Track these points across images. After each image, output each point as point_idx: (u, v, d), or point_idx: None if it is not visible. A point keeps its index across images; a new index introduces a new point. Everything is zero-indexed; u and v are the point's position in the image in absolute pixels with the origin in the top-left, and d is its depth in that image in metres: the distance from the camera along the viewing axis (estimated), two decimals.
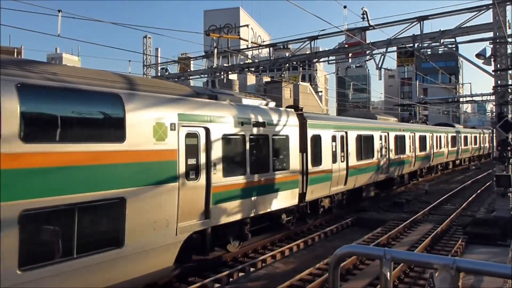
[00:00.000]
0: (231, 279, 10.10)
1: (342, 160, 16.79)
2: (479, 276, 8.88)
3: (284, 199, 12.77)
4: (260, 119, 11.73)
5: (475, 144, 44.61)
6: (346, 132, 16.98)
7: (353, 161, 17.37)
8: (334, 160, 15.97)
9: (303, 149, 13.85)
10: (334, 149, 16.09)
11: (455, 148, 36.65)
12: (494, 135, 14.90)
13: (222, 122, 10.30)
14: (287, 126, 12.96)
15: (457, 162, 40.68)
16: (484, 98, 36.54)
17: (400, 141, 23.33)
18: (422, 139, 27.89)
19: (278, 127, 12.56)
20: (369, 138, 19.17)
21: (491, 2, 14.37)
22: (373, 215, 17.59)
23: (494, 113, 28.12)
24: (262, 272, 10.82)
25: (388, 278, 2.85)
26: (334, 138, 16.17)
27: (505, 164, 14.10)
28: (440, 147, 31.90)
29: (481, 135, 49.01)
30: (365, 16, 16.78)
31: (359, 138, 18.04)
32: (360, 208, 18.50)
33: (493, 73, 14.62)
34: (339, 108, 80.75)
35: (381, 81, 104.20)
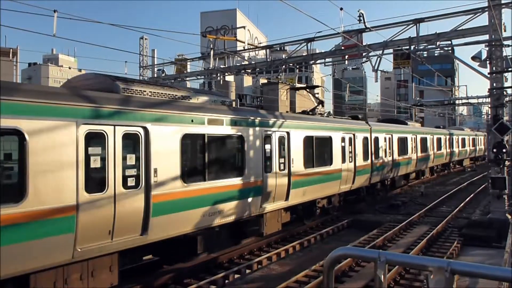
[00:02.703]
0: (226, 281, 10.07)
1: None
2: (475, 278, 8.89)
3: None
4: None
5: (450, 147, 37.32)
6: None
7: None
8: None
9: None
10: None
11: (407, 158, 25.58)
12: (482, 136, 14.98)
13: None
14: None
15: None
16: (480, 100, 36.67)
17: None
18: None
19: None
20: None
21: (486, 5, 14.43)
22: (369, 217, 17.61)
23: (489, 115, 28.32)
24: (257, 274, 10.80)
25: (383, 280, 2.84)
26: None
27: (500, 166, 14.15)
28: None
29: (470, 137, 46.81)
30: (361, 18, 16.83)
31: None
32: (356, 210, 18.51)
33: (488, 76, 14.68)
34: (335, 110, 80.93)
35: (377, 83, 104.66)
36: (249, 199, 11.50)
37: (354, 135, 17.72)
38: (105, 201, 7.65)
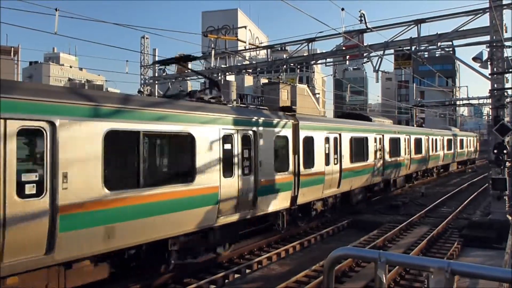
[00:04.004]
0: (226, 281, 10.07)
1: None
2: (475, 279, 8.88)
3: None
4: None
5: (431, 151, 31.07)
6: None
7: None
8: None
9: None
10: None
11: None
12: (475, 137, 14.80)
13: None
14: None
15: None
16: (481, 101, 36.64)
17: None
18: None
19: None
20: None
21: (488, 6, 14.43)
22: (370, 217, 17.59)
23: (490, 116, 28.27)
24: (257, 274, 10.79)
25: (383, 280, 2.84)
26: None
27: (501, 167, 14.15)
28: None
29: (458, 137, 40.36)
30: (362, 18, 16.82)
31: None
32: (356, 211, 18.50)
33: (489, 77, 14.67)
34: (336, 111, 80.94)
35: (378, 84, 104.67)
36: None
37: (255, 132, 11.65)
38: None
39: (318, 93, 72.64)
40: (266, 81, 52.48)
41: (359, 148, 18.24)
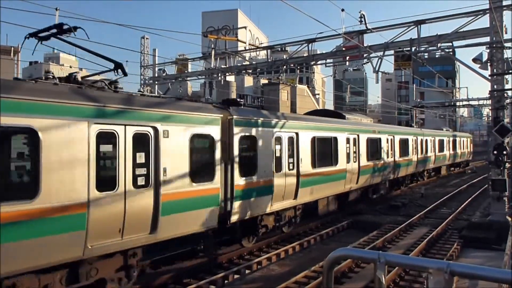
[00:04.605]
0: (226, 281, 10.07)
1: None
2: (474, 280, 8.88)
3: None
4: None
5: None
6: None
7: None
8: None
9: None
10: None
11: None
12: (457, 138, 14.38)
13: None
14: None
15: None
16: (481, 102, 36.70)
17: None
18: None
19: None
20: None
21: (488, 7, 14.44)
22: (369, 218, 17.61)
23: (490, 118, 28.31)
24: (257, 274, 10.80)
25: (382, 281, 2.85)
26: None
27: (501, 168, 14.15)
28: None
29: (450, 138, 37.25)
30: (362, 19, 16.84)
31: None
32: (356, 211, 18.51)
33: (489, 78, 14.69)
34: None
35: (378, 85, 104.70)
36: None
37: (156, 130, 8.78)
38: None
39: (318, 94, 72.64)
40: (266, 81, 52.47)
41: (325, 150, 15.38)
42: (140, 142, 8.37)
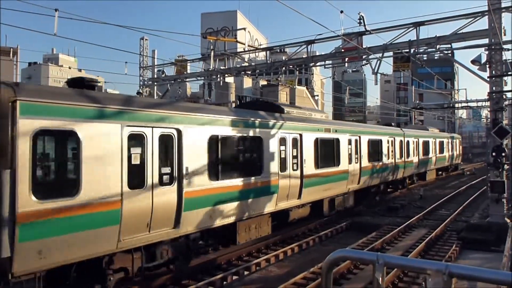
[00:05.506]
0: (224, 283, 10.06)
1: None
2: (473, 282, 8.89)
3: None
4: None
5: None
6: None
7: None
8: None
9: None
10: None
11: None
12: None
13: None
14: None
15: None
16: (479, 104, 36.71)
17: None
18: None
19: None
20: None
21: (486, 9, 14.46)
22: (368, 219, 17.61)
23: (489, 119, 28.30)
24: (256, 276, 10.79)
25: (381, 283, 2.84)
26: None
27: (500, 170, 14.16)
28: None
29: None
30: (361, 21, 16.84)
31: None
32: (355, 213, 18.51)
33: (488, 79, 14.70)
34: (335, 113, 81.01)
35: (377, 86, 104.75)
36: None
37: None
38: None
39: (317, 95, 72.72)
40: (265, 83, 52.50)
41: (238, 155, 11.92)
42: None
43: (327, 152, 15.85)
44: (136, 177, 8.33)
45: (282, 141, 13.21)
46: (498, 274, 2.67)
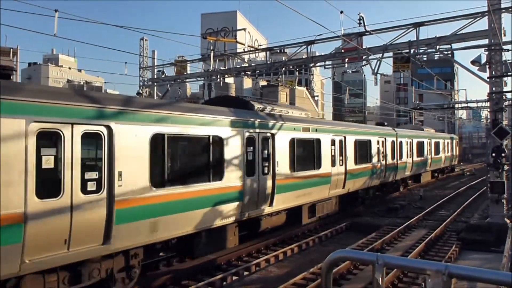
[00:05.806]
0: (224, 283, 10.05)
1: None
2: (473, 283, 8.89)
3: None
4: None
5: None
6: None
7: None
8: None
9: None
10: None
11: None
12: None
13: None
14: None
15: None
16: (479, 104, 36.75)
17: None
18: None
19: None
20: None
21: (486, 9, 14.48)
22: (368, 220, 17.60)
23: (489, 120, 28.34)
24: (256, 276, 10.79)
25: (381, 283, 2.85)
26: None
27: (499, 170, 14.17)
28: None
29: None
30: (361, 21, 16.87)
31: None
32: (355, 213, 18.50)
33: (488, 80, 14.71)
34: (335, 113, 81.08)
35: (377, 87, 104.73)
36: None
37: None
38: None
39: (317, 96, 72.72)
40: (265, 83, 52.50)
41: (191, 157, 10.67)
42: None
43: (305, 153, 14.62)
44: (47, 184, 7.04)
45: (250, 142, 11.85)
46: (497, 274, 2.67)
